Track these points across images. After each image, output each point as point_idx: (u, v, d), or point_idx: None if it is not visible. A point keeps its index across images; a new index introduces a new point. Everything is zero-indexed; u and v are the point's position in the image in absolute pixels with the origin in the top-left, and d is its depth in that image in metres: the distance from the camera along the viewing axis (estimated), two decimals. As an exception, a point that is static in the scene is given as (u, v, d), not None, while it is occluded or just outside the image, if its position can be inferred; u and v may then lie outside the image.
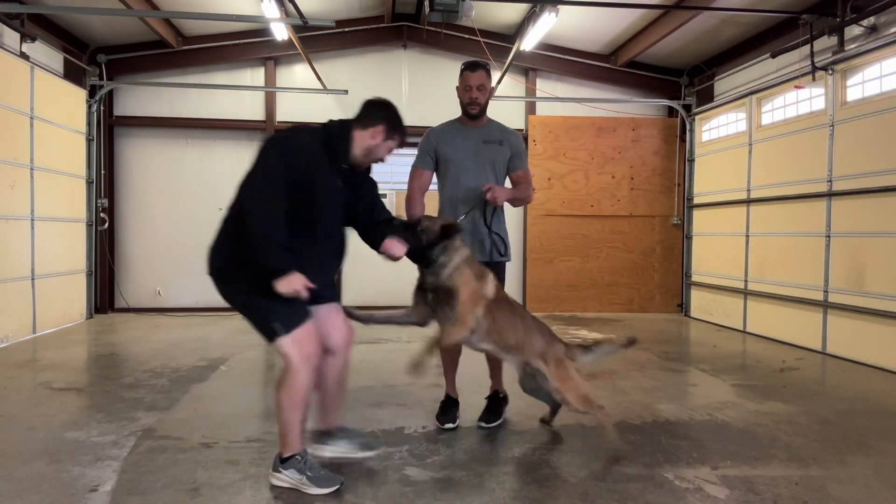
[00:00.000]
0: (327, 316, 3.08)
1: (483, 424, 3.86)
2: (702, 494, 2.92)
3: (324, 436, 3.20)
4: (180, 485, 2.96)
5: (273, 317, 2.80)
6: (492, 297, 3.39)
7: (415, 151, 4.34)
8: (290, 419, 2.87)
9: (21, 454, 3.35)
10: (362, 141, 3.02)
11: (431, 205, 4.30)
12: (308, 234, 2.89)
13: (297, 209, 2.81)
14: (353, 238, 3.32)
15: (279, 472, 2.90)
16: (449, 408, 3.94)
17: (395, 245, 3.17)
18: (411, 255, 3.34)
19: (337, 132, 2.99)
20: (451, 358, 4.03)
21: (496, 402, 3.98)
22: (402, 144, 3.20)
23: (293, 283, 2.72)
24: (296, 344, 2.82)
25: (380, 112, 3.11)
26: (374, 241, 3.22)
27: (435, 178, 4.21)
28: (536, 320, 3.62)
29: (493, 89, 4.04)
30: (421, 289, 3.46)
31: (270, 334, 2.83)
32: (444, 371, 4.04)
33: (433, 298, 3.37)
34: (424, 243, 3.31)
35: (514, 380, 3.85)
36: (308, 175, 2.83)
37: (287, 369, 2.85)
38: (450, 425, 3.83)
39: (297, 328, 2.82)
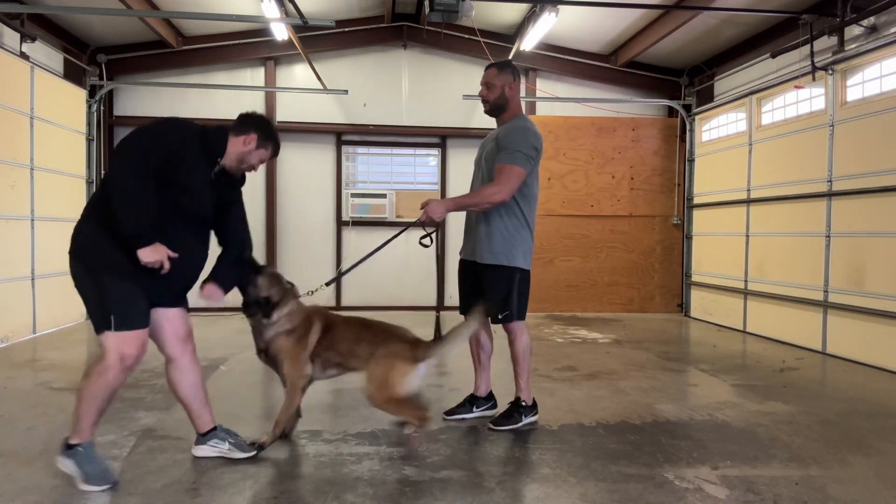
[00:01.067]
0: (168, 321, 3.09)
1: (490, 425, 3.86)
2: (702, 494, 2.92)
3: (199, 437, 3.26)
4: (180, 485, 2.96)
5: (112, 308, 2.81)
6: (318, 339, 3.45)
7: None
8: (85, 411, 2.88)
9: (21, 454, 3.35)
10: (236, 146, 3.07)
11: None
12: (177, 218, 2.93)
13: (167, 190, 2.84)
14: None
15: (62, 457, 2.92)
16: (462, 403, 4.08)
17: (215, 291, 3.23)
18: (243, 306, 3.48)
19: (213, 130, 3.07)
20: (475, 358, 4.15)
21: (513, 408, 3.92)
22: (275, 154, 3.25)
23: (158, 252, 2.77)
24: (120, 342, 2.83)
25: (254, 122, 3.15)
26: (217, 264, 3.31)
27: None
28: (370, 327, 3.63)
29: (510, 86, 3.85)
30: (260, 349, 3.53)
31: (101, 324, 2.82)
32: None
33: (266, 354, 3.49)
34: (250, 298, 3.41)
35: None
36: (180, 155, 2.89)
37: (100, 363, 2.86)
38: (448, 416, 4.01)
39: (128, 330, 2.84)
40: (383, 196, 9.41)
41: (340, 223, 9.45)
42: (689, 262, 9.46)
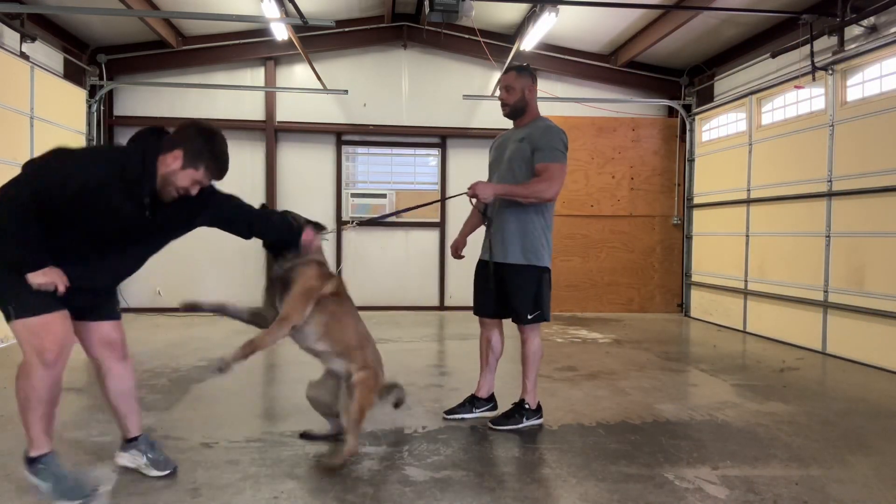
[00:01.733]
0: (95, 329, 2.91)
1: (490, 424, 3.87)
2: (702, 494, 2.92)
3: (123, 443, 3.10)
4: (180, 485, 2.95)
5: (6, 295, 2.63)
6: (332, 295, 3.28)
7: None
8: (26, 418, 2.73)
9: (20, 454, 3.35)
10: (162, 166, 2.68)
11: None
12: (94, 240, 2.71)
13: (81, 219, 2.63)
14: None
15: (27, 472, 2.79)
16: (462, 403, 4.08)
17: (311, 235, 3.26)
18: (270, 244, 3.34)
19: (134, 159, 2.67)
20: (484, 358, 4.10)
21: (516, 409, 3.91)
22: (215, 177, 2.80)
23: (48, 276, 2.56)
24: (29, 335, 2.62)
25: (183, 137, 2.73)
26: (262, 232, 3.20)
27: None
28: (362, 325, 3.57)
29: (530, 88, 3.91)
30: (271, 286, 3.33)
31: (6, 315, 2.67)
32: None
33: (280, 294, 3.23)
34: (288, 233, 3.25)
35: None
36: (93, 195, 2.59)
37: (23, 361, 2.67)
38: (448, 416, 4.03)
39: (30, 316, 2.60)
40: (383, 196, 9.41)
41: (340, 223, 9.45)
42: (689, 262, 9.46)
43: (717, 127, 8.97)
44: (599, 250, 9.58)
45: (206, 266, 9.09)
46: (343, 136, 9.49)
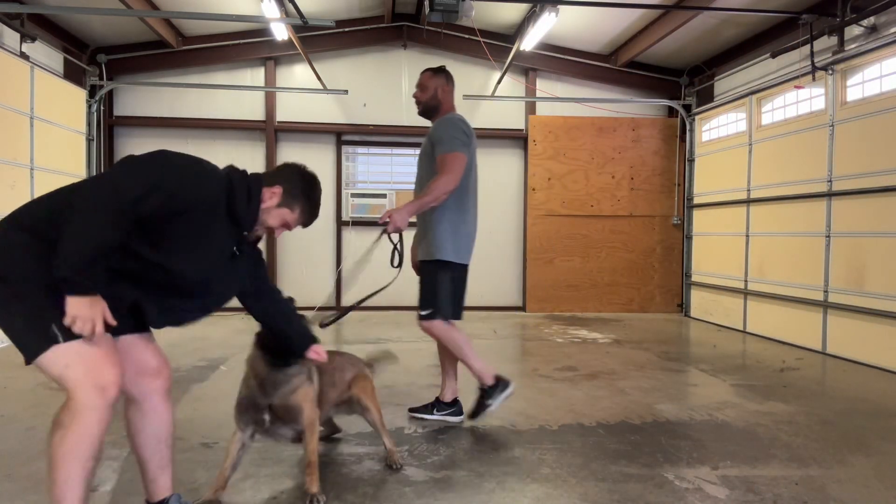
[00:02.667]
0: (126, 352, 2.26)
1: (470, 418, 3.90)
2: (702, 494, 2.92)
3: None
4: (180, 485, 2.95)
5: (50, 317, 1.97)
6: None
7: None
8: (67, 477, 2.01)
9: (21, 454, 3.35)
10: (263, 201, 2.40)
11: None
12: (165, 276, 2.19)
13: (164, 245, 2.14)
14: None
15: None
16: (426, 404, 4.07)
17: (321, 352, 2.74)
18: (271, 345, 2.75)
19: (243, 187, 2.33)
20: (441, 363, 4.07)
21: (481, 397, 3.86)
22: (306, 224, 2.56)
23: (92, 308, 1.97)
24: (83, 362, 2.01)
25: (286, 173, 2.50)
26: (273, 315, 2.68)
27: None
28: (334, 353, 3.22)
29: (443, 88, 3.98)
30: (251, 407, 2.81)
31: (41, 343, 1.98)
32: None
33: (270, 417, 2.78)
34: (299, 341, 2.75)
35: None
36: (195, 214, 2.17)
37: (71, 402, 2.01)
38: (411, 412, 4.04)
39: (79, 340, 2.01)
40: (383, 196, 9.41)
41: (340, 223, 9.45)
42: (689, 262, 9.46)
43: (717, 127, 8.98)
44: (599, 250, 9.58)
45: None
46: (343, 136, 9.49)
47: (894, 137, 5.73)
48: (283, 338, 2.68)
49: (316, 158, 9.46)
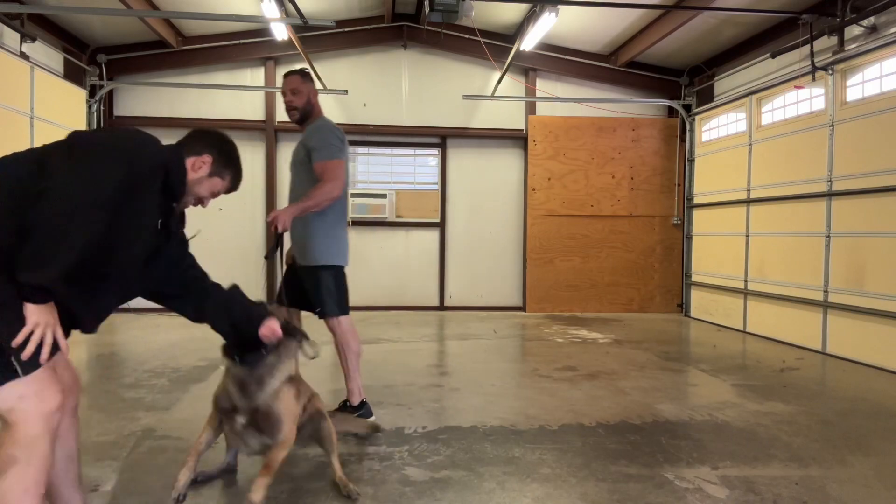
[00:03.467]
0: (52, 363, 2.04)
1: None
2: (702, 494, 2.92)
3: None
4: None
5: (10, 348, 1.84)
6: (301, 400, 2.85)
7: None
8: None
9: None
10: (191, 171, 2.30)
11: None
12: (101, 268, 2.03)
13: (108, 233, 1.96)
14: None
15: None
16: (337, 407, 3.99)
17: (274, 326, 2.51)
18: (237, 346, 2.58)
19: (174, 156, 2.23)
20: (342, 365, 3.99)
21: (340, 410, 3.92)
22: (232, 188, 2.46)
23: (45, 315, 1.87)
24: (35, 392, 1.88)
25: (210, 141, 2.38)
26: (198, 308, 2.47)
27: None
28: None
29: (314, 93, 4.07)
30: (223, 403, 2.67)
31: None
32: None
33: (246, 421, 2.61)
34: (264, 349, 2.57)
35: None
36: (140, 189, 2.03)
37: (21, 435, 1.86)
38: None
39: (37, 370, 1.89)
40: (383, 196, 9.41)
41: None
42: (689, 262, 9.46)
43: (717, 127, 8.97)
44: (599, 250, 9.59)
45: (206, 265, 9.07)
46: (343, 136, 9.48)
47: (894, 137, 5.73)
48: (228, 333, 2.49)
49: (316, 158, 9.47)
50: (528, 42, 8.17)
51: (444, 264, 9.72)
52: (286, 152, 9.34)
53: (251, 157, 9.17)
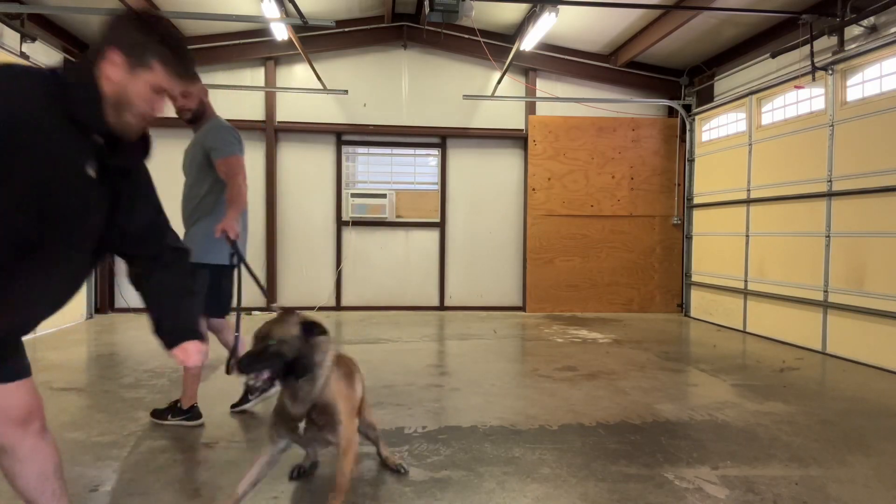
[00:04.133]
0: None
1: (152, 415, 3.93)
2: (702, 494, 2.92)
3: None
4: (180, 485, 2.96)
5: None
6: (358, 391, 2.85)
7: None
8: None
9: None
10: (106, 82, 1.70)
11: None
12: (17, 244, 1.65)
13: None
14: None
15: None
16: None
17: (193, 355, 2.06)
18: (279, 376, 2.46)
19: (81, 76, 1.70)
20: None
21: (170, 407, 3.92)
22: (180, 73, 1.77)
23: None
24: None
25: (112, 28, 1.77)
26: (150, 295, 2.06)
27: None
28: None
29: (206, 93, 4.07)
30: (282, 417, 2.62)
31: None
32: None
33: (306, 425, 2.55)
34: (287, 359, 2.43)
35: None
36: (20, 131, 1.58)
37: None
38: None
39: None
40: (383, 196, 9.41)
41: (340, 223, 9.45)
42: (689, 262, 9.46)
43: (717, 127, 8.97)
44: (599, 250, 9.59)
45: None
46: (343, 136, 9.49)
47: (894, 137, 5.72)
48: (157, 318, 2.07)
49: (316, 158, 9.47)
50: (528, 42, 8.16)
51: (444, 264, 9.72)
52: (286, 152, 9.36)
53: (251, 157, 9.10)
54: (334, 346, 2.71)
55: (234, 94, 9.11)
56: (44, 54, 7.47)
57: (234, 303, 3.81)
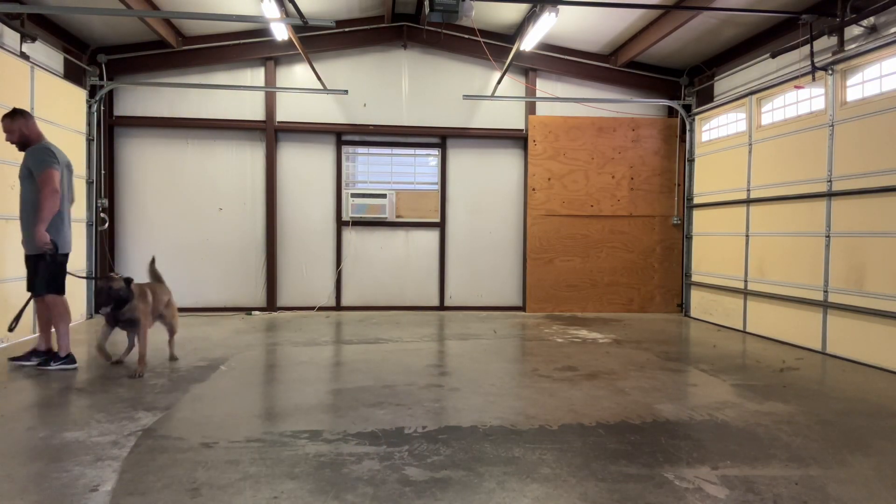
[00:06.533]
0: None
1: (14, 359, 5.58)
2: (702, 494, 2.92)
3: None
4: (180, 485, 2.96)
5: None
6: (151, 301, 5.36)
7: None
8: None
9: (21, 454, 3.36)
10: None
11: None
12: None
13: None
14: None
15: None
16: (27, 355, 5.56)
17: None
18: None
19: None
20: (43, 320, 5.59)
21: (47, 356, 5.43)
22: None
23: None
24: None
25: None
26: None
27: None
28: (162, 286, 5.74)
29: (26, 125, 5.19)
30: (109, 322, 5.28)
31: None
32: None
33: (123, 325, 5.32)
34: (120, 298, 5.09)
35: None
36: None
37: None
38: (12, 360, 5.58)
39: None
40: (383, 196, 9.41)
41: (340, 223, 9.45)
42: (689, 262, 9.46)
43: (717, 127, 8.98)
44: (599, 250, 9.59)
45: (206, 265, 9.09)
46: (343, 136, 9.49)
47: (894, 137, 5.73)
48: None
49: (316, 158, 9.47)
50: (528, 42, 8.17)
51: (444, 264, 9.72)
52: (286, 152, 9.36)
53: (251, 157, 9.18)
54: (137, 285, 5.26)
55: (234, 94, 9.12)
56: (44, 54, 7.48)
57: (47, 284, 5.21)
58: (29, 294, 5.40)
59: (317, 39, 8.90)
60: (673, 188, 9.64)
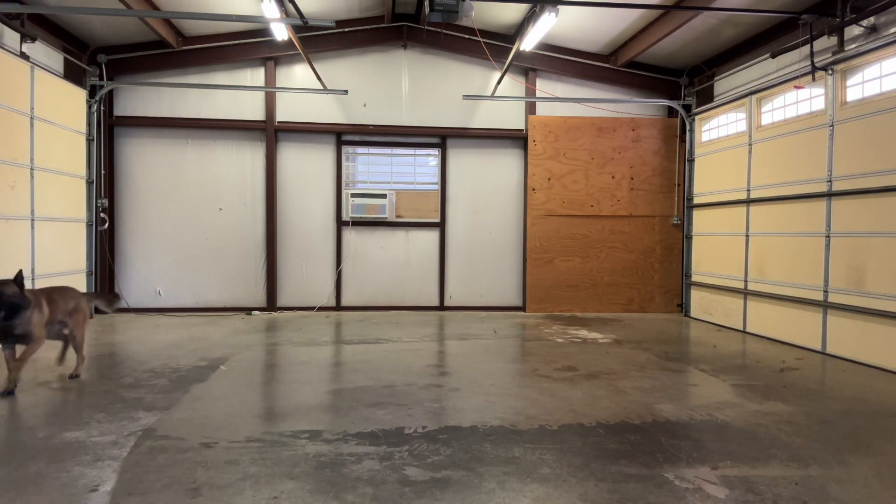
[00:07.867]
0: None
1: None
2: (702, 494, 2.92)
3: None
4: (180, 485, 2.96)
5: None
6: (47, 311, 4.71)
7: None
8: None
9: (21, 454, 3.36)
10: None
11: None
12: None
13: None
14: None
15: None
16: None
17: None
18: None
19: None
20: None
21: None
22: None
23: None
24: None
25: None
26: None
27: None
28: (66, 291, 5.08)
29: None
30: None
31: None
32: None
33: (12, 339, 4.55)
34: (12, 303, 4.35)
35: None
36: None
37: None
38: None
39: None
40: (383, 196, 9.41)
41: (340, 223, 9.45)
42: (688, 262, 9.46)
43: (716, 127, 8.97)
44: (599, 250, 9.59)
45: (206, 265, 9.09)
46: (343, 136, 9.49)
47: (894, 137, 5.73)
48: None
49: (316, 158, 9.47)
50: (528, 42, 8.17)
51: (444, 264, 9.72)
52: (286, 152, 9.36)
53: (251, 157, 9.17)
54: (30, 290, 4.63)
55: (234, 94, 9.12)
56: (44, 54, 7.48)
57: None
58: None
59: (317, 39, 8.90)
60: (673, 188, 9.64)
